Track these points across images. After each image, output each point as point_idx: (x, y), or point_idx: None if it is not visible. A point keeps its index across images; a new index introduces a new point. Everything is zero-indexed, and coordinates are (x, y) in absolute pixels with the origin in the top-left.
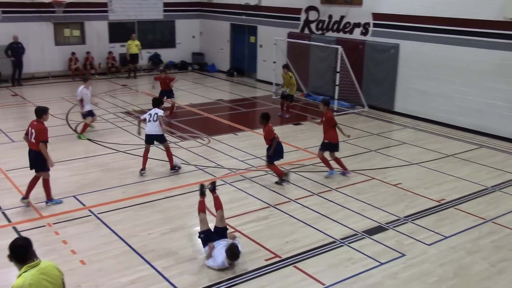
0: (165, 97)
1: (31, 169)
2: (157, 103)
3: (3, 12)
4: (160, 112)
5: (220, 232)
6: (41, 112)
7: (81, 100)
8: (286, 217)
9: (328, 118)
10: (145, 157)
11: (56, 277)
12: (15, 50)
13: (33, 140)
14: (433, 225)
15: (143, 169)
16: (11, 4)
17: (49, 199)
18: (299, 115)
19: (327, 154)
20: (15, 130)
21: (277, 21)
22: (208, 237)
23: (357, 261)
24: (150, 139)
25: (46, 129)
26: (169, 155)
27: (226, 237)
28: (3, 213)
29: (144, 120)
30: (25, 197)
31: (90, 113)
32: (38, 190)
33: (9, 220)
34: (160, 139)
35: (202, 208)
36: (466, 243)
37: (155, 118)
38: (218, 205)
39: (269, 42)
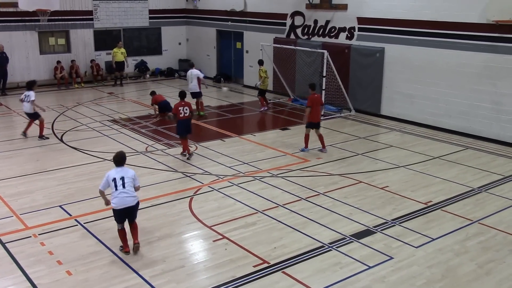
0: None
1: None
2: (29, 85)
3: None
4: (33, 97)
5: None
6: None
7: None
8: (274, 223)
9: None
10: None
11: None
12: None
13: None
14: (420, 227)
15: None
16: None
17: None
18: (287, 120)
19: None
20: (0, 140)
21: (263, 27)
22: None
23: (345, 266)
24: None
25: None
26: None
27: None
28: None
29: (22, 100)
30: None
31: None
32: (24, 201)
33: None
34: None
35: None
36: (454, 244)
37: (27, 100)
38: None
39: (256, 47)
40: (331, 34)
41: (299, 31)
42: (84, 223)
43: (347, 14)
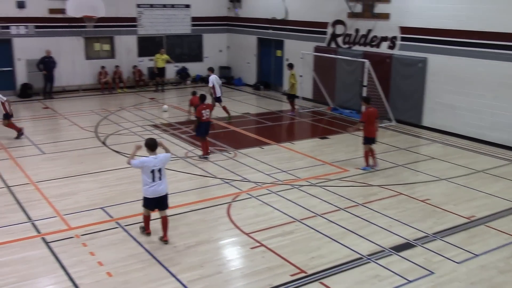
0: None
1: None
2: None
3: (36, 27)
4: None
5: None
6: None
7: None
8: (312, 232)
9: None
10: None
11: None
12: (47, 64)
13: None
14: (463, 242)
15: None
16: (43, 19)
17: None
18: (326, 129)
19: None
20: (46, 142)
21: (303, 35)
22: None
23: (384, 278)
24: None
25: None
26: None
27: None
28: (33, 224)
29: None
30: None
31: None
32: (68, 202)
33: (38, 231)
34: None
35: None
36: (498, 261)
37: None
38: None
39: (296, 56)
40: (373, 43)
41: (340, 40)
42: (124, 225)
43: (389, 23)
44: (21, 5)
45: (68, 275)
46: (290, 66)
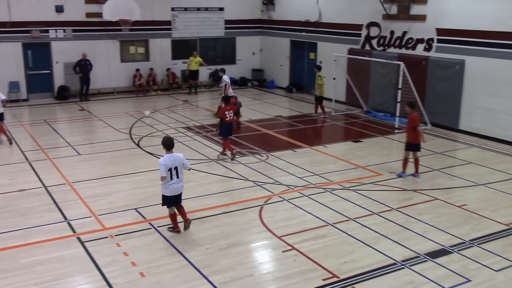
0: None
1: None
2: None
3: (74, 30)
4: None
5: None
6: None
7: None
8: (345, 236)
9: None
10: None
11: None
12: (83, 67)
13: None
14: (501, 250)
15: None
16: (80, 23)
17: None
18: (359, 132)
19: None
20: (81, 143)
21: (337, 37)
22: None
23: (419, 285)
24: None
25: None
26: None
27: None
28: (69, 223)
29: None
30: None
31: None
32: (102, 202)
33: (73, 231)
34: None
35: None
36: None
37: None
38: None
39: (329, 58)
40: (408, 46)
41: (374, 42)
42: (157, 226)
43: (425, 25)
44: (59, 9)
45: (102, 274)
46: (319, 68)
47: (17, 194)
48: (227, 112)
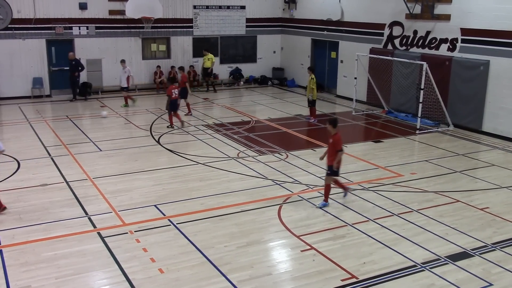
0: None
1: None
2: None
3: (96, 27)
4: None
5: None
6: None
7: None
8: (364, 237)
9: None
10: None
11: None
12: (72, 67)
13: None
14: None
15: None
16: (103, 21)
17: None
18: (380, 132)
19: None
20: (103, 139)
21: (359, 37)
22: None
23: None
24: None
25: None
26: None
27: None
28: (89, 218)
29: None
30: None
31: None
32: (122, 198)
33: (94, 226)
34: None
35: None
36: None
37: None
38: None
39: (350, 57)
40: (431, 45)
41: (397, 41)
42: (176, 223)
43: (449, 24)
44: (83, 7)
45: (121, 270)
46: (312, 69)
47: (40, 188)
48: (173, 91)
